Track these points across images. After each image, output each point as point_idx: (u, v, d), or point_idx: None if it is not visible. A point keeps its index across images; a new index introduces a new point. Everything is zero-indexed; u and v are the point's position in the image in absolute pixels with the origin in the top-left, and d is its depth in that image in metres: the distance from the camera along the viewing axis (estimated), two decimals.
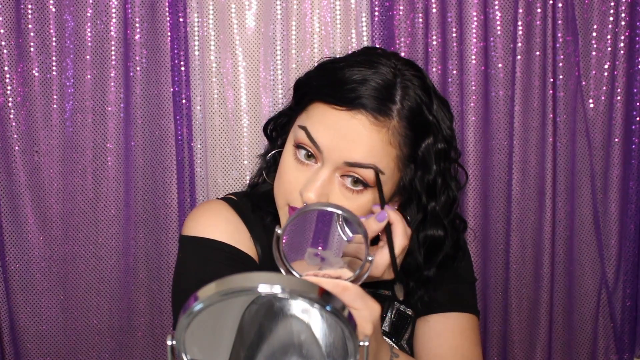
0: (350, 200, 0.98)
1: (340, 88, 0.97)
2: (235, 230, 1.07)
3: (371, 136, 0.96)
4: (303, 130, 0.99)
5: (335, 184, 0.99)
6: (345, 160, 0.97)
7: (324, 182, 0.98)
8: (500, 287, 1.94)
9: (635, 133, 1.87)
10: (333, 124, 0.97)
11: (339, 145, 0.97)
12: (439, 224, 1.05)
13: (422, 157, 1.00)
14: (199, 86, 1.82)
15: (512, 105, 1.84)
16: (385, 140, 0.97)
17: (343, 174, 0.99)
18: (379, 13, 1.81)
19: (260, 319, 0.72)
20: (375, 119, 0.96)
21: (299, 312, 0.71)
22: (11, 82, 1.73)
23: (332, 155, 0.97)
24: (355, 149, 0.96)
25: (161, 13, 1.76)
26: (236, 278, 0.68)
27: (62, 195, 1.79)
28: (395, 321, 1.11)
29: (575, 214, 1.92)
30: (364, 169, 0.97)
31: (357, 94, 0.96)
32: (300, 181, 1.00)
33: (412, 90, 0.99)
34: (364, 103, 0.96)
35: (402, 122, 0.98)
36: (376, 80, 0.97)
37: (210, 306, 0.68)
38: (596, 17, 1.84)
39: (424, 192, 1.02)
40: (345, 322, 0.68)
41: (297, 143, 1.01)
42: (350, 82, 0.97)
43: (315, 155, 1.00)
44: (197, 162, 1.84)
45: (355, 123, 0.96)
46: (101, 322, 1.84)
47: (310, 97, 1.01)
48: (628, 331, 1.97)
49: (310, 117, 1.00)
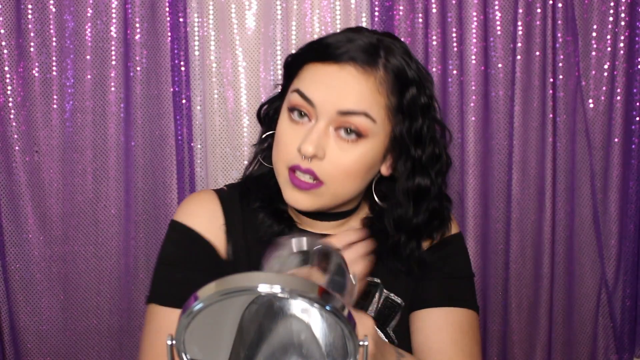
0: (346, 152, 1.02)
1: (328, 47, 1.04)
2: (209, 221, 1.12)
3: (360, 84, 1.02)
4: (296, 92, 1.04)
5: (331, 137, 1.03)
6: (338, 109, 1.01)
7: (319, 134, 1.02)
8: (500, 287, 1.94)
9: (635, 133, 1.88)
10: (323, 79, 1.03)
11: (331, 96, 1.02)
12: (425, 173, 1.10)
13: (408, 107, 1.05)
14: (199, 86, 1.82)
15: (512, 105, 1.84)
16: (374, 88, 1.02)
17: (337, 126, 1.03)
18: (379, 13, 1.81)
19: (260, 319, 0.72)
20: (363, 68, 1.02)
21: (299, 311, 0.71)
22: (11, 82, 1.73)
23: (325, 107, 1.02)
24: (346, 97, 1.01)
25: (161, 13, 1.76)
26: (236, 278, 0.68)
27: (62, 195, 1.79)
28: (382, 308, 1.12)
29: (575, 214, 1.92)
30: (356, 116, 1.01)
31: (345, 49, 1.03)
32: (297, 139, 1.04)
33: (395, 51, 1.06)
34: (352, 56, 1.02)
35: (388, 73, 1.04)
36: (362, 39, 1.05)
37: (210, 306, 0.68)
38: (596, 17, 1.85)
39: (412, 142, 1.07)
40: (345, 321, 0.68)
41: (290, 106, 1.05)
42: (337, 42, 1.04)
43: (309, 113, 1.04)
44: (197, 162, 1.84)
45: (345, 74, 1.02)
46: (101, 322, 1.84)
47: (300, 63, 1.07)
48: (628, 331, 1.97)
49: (301, 79, 1.05)
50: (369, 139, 1.03)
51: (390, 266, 1.12)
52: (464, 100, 1.84)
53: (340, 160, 1.02)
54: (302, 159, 1.02)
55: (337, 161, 1.02)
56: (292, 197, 1.05)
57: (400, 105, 1.05)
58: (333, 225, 1.14)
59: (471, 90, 1.83)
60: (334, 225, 1.14)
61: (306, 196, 1.04)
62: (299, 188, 1.03)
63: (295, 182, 1.03)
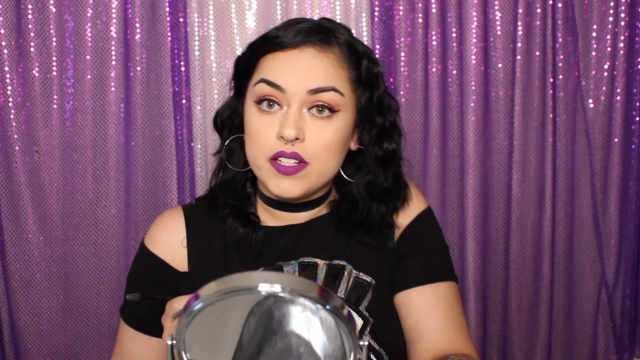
0: (323, 129, 1.06)
1: (282, 37, 1.09)
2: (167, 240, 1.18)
3: (322, 62, 1.07)
4: (262, 82, 1.07)
5: (306, 118, 1.07)
6: (307, 89, 1.05)
7: (296, 117, 1.06)
8: (500, 287, 1.94)
9: (635, 133, 1.88)
10: (287, 64, 1.07)
11: (298, 78, 1.06)
12: (391, 138, 1.16)
13: (366, 78, 1.11)
14: (199, 86, 1.82)
15: (512, 105, 1.84)
16: (335, 63, 1.08)
17: (309, 106, 1.07)
18: (379, 13, 1.82)
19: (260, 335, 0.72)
20: (321, 47, 1.08)
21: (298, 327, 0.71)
22: (11, 82, 1.73)
23: (294, 89, 1.05)
24: (313, 76, 1.06)
25: (161, 13, 1.76)
26: (236, 277, 0.68)
27: (62, 195, 1.79)
28: (352, 289, 1.14)
29: (575, 214, 1.92)
30: (325, 92, 1.06)
31: (300, 34, 1.08)
32: (272, 128, 1.07)
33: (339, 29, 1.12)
34: (308, 39, 1.08)
35: (343, 48, 1.09)
36: (309, 24, 1.10)
37: (211, 305, 0.68)
38: (596, 17, 1.85)
39: (375, 110, 1.13)
40: (345, 321, 0.68)
41: (257, 98, 1.08)
42: (288, 30, 1.09)
43: (279, 100, 1.07)
44: (197, 162, 1.84)
45: (306, 55, 1.07)
46: (101, 322, 1.84)
47: (256, 58, 1.11)
48: (628, 331, 1.97)
49: (263, 70, 1.09)
50: (341, 113, 1.08)
51: (361, 243, 1.16)
52: (464, 100, 1.84)
53: (321, 138, 1.06)
54: (285, 144, 1.05)
55: (317, 139, 1.06)
56: (279, 186, 1.07)
57: (359, 76, 1.10)
58: (309, 215, 1.18)
59: (471, 90, 1.83)
60: (310, 214, 1.18)
61: (293, 182, 1.07)
62: (285, 174, 1.06)
63: (281, 169, 1.06)
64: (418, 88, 1.84)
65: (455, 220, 1.90)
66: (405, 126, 1.86)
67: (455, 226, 1.90)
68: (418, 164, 1.88)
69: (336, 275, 1.15)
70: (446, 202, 1.89)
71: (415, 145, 1.87)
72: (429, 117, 1.84)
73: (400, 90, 1.84)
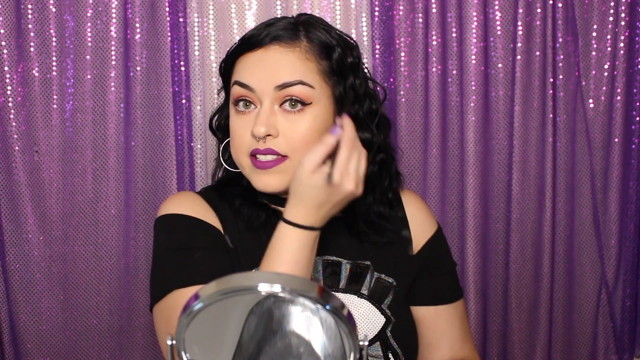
0: (296, 123, 1.08)
1: (251, 37, 1.12)
2: (203, 211, 1.15)
3: (288, 56, 1.09)
4: (235, 85, 1.11)
5: (278, 114, 1.09)
6: (274, 84, 1.07)
7: (267, 114, 1.08)
8: (500, 287, 1.94)
9: (635, 133, 1.88)
10: (254, 63, 1.10)
11: (264, 76, 1.08)
12: (366, 127, 1.15)
13: (338, 67, 1.11)
14: (199, 86, 1.82)
15: (512, 105, 1.84)
16: (302, 57, 1.09)
17: (280, 102, 1.09)
18: (379, 13, 1.82)
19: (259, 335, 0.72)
20: (287, 43, 1.10)
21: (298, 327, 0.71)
22: (11, 82, 1.73)
23: (262, 87, 1.08)
24: (279, 72, 1.08)
25: (161, 13, 1.76)
26: (236, 277, 0.68)
27: (62, 195, 1.79)
28: (375, 288, 1.17)
29: (575, 214, 1.92)
30: (293, 86, 1.08)
31: (266, 33, 1.10)
32: (248, 127, 1.10)
33: (313, 24, 1.13)
34: (274, 36, 1.10)
35: (312, 41, 1.11)
36: (281, 22, 1.13)
37: (211, 305, 0.68)
38: (596, 17, 1.85)
39: (348, 99, 1.13)
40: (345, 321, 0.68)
41: (234, 100, 1.12)
42: (258, 31, 1.12)
43: (252, 100, 1.10)
44: (197, 162, 1.84)
45: (271, 53, 1.09)
46: (101, 322, 1.84)
47: (232, 62, 1.14)
48: (628, 331, 1.97)
49: (236, 72, 1.12)
50: (313, 105, 1.09)
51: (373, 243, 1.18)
52: (464, 100, 1.84)
53: (294, 132, 1.08)
54: (257, 141, 1.08)
55: (291, 133, 1.08)
56: (260, 181, 1.09)
57: (331, 67, 1.11)
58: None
59: (471, 90, 1.83)
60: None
61: (273, 176, 1.08)
62: (263, 169, 1.08)
63: (258, 164, 1.09)
64: (418, 88, 1.84)
65: (455, 220, 1.90)
66: (405, 126, 1.86)
67: (455, 226, 1.90)
68: (418, 164, 1.88)
69: (360, 273, 1.17)
70: (446, 202, 1.90)
71: (415, 145, 1.87)
72: (429, 117, 1.84)
73: (400, 90, 1.84)
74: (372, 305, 1.16)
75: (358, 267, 1.17)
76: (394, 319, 1.16)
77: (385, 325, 1.16)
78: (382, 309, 1.16)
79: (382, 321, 1.15)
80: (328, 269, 1.16)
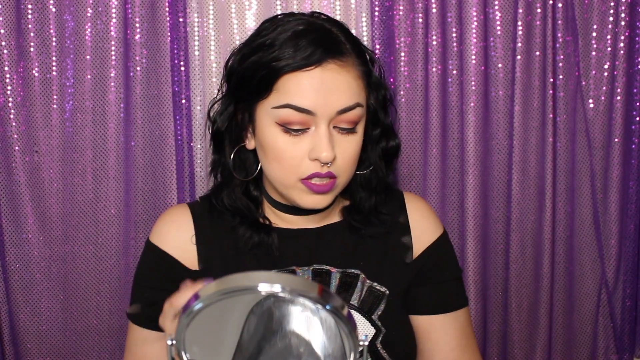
0: (351, 144, 1.06)
1: (297, 54, 1.03)
2: (177, 235, 1.16)
3: (346, 78, 1.04)
4: (288, 108, 1.03)
5: (334, 135, 1.06)
6: (337, 109, 1.03)
7: (329, 138, 1.04)
8: (500, 287, 1.94)
9: (635, 133, 1.87)
10: (312, 85, 1.03)
11: (326, 100, 1.03)
12: (393, 134, 1.17)
13: (376, 79, 1.11)
14: (199, 86, 1.82)
15: (512, 105, 1.84)
16: (354, 74, 1.06)
17: (335, 124, 1.05)
18: (379, 13, 1.81)
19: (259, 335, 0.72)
20: (340, 61, 1.04)
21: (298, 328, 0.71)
22: (11, 82, 1.73)
23: (324, 111, 1.03)
24: (340, 96, 1.03)
25: (161, 13, 1.76)
26: (236, 277, 0.68)
27: (62, 195, 1.79)
28: (366, 297, 1.15)
29: (575, 214, 1.92)
30: (353, 110, 1.05)
31: (316, 48, 1.02)
32: (303, 151, 1.05)
33: (342, 28, 1.09)
34: (326, 53, 1.03)
35: (355, 55, 1.07)
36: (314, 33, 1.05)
37: (211, 305, 0.68)
38: (596, 17, 1.84)
39: (380, 109, 1.13)
40: (345, 320, 0.68)
41: (283, 123, 1.05)
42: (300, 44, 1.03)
43: (306, 122, 1.04)
44: (197, 162, 1.84)
45: (329, 74, 1.03)
46: (101, 322, 1.84)
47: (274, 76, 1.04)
48: (628, 331, 1.97)
49: (284, 92, 1.04)
50: (360, 122, 1.08)
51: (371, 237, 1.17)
52: (464, 100, 1.84)
53: (348, 154, 1.07)
54: (321, 166, 1.04)
55: (346, 156, 1.07)
56: (311, 201, 1.07)
57: (371, 81, 1.10)
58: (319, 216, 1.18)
59: (471, 90, 1.83)
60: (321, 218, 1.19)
61: (325, 196, 1.08)
62: (321, 192, 1.06)
63: (315, 188, 1.06)
64: (418, 88, 1.84)
65: (455, 220, 1.90)
66: (405, 126, 1.86)
67: (455, 226, 1.90)
68: (418, 164, 1.88)
69: (350, 283, 1.15)
70: (446, 202, 1.89)
71: (415, 145, 1.87)
72: (429, 117, 1.84)
73: (400, 90, 1.84)
74: (361, 317, 1.14)
75: (348, 276, 1.15)
76: (384, 329, 1.14)
77: (375, 337, 1.14)
78: (372, 319, 1.14)
79: (372, 332, 1.14)
80: (317, 279, 1.14)
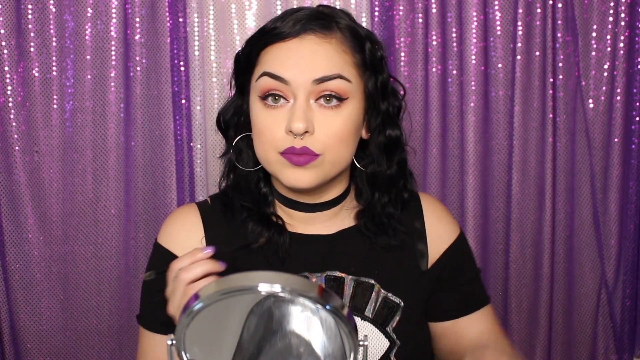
0: (334, 119, 1.02)
1: (281, 27, 1.04)
2: (187, 237, 1.13)
3: (325, 48, 1.02)
4: (265, 76, 1.03)
5: (314, 109, 1.03)
6: (312, 78, 1.01)
7: (304, 109, 1.01)
8: (500, 287, 1.94)
9: (635, 133, 1.88)
10: (288, 55, 1.02)
11: (302, 69, 1.01)
12: (394, 124, 1.13)
13: (371, 61, 1.07)
14: (199, 86, 1.82)
15: (512, 105, 1.84)
16: (338, 48, 1.03)
17: (316, 97, 1.02)
18: (379, 13, 1.81)
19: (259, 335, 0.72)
20: (322, 34, 1.03)
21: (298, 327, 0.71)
22: (11, 82, 1.73)
23: (299, 80, 1.01)
24: (317, 65, 1.01)
25: (161, 13, 1.76)
26: (236, 277, 0.68)
27: (62, 195, 1.79)
28: (380, 309, 1.12)
29: (575, 214, 1.92)
30: (331, 80, 1.01)
31: (299, 22, 1.03)
32: (280, 123, 1.02)
33: (339, 14, 1.08)
34: (307, 26, 1.03)
35: (344, 32, 1.05)
36: (307, 12, 1.06)
37: (211, 305, 0.68)
38: (596, 17, 1.85)
39: (380, 96, 1.09)
40: (345, 320, 0.68)
41: (262, 93, 1.04)
42: (287, 19, 1.04)
43: (284, 93, 1.03)
44: (197, 162, 1.84)
45: (307, 44, 1.02)
46: (101, 322, 1.84)
47: (256, 52, 1.06)
48: (628, 331, 1.97)
49: (264, 63, 1.04)
50: (349, 100, 1.04)
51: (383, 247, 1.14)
52: (464, 100, 1.84)
53: (331, 128, 1.02)
54: (294, 138, 1.01)
55: (328, 130, 1.02)
56: (292, 176, 1.03)
57: (364, 60, 1.06)
58: (327, 216, 1.14)
59: (471, 90, 1.83)
60: (328, 215, 1.14)
61: (306, 171, 1.03)
62: (297, 165, 1.02)
63: (293, 160, 1.02)
64: (418, 88, 1.84)
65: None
66: (405, 126, 1.86)
67: None
68: (418, 164, 1.88)
69: (364, 292, 1.12)
70: (446, 202, 1.89)
71: (415, 145, 1.87)
72: (429, 117, 1.84)
73: (400, 90, 1.84)
74: (375, 329, 1.11)
75: (362, 285, 1.12)
76: (399, 342, 1.12)
77: (389, 349, 1.11)
78: (386, 332, 1.12)
79: (386, 345, 1.11)
80: (331, 285, 1.11)
